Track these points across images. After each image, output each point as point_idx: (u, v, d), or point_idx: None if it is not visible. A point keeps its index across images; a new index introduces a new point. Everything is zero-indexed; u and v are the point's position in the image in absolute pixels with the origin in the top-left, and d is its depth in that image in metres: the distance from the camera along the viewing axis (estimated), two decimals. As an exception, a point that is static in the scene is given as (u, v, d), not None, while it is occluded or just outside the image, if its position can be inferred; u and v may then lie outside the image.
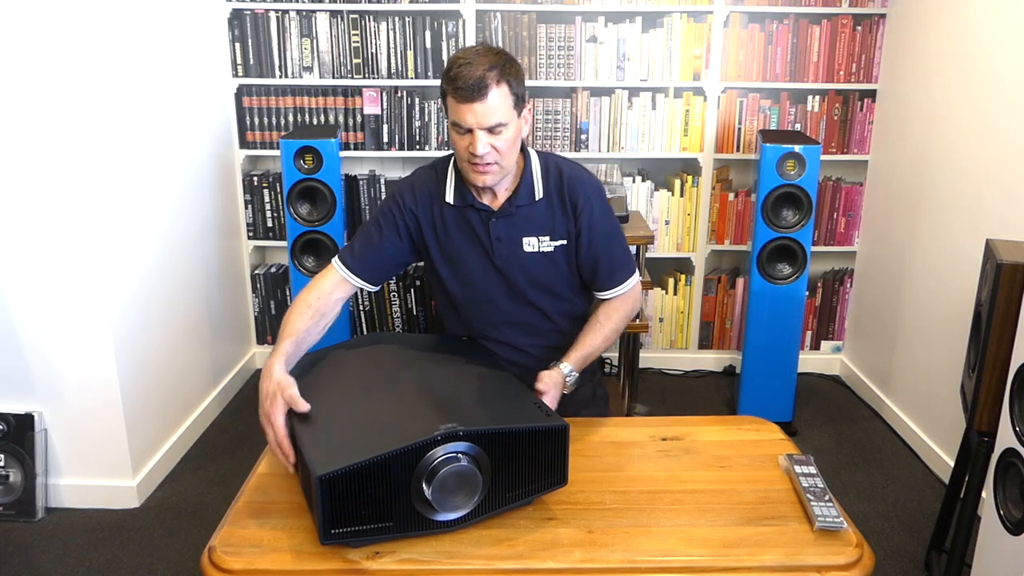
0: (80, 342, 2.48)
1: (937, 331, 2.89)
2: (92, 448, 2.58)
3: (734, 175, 3.57)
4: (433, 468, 1.23)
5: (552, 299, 1.77)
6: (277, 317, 3.66)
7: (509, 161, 1.64)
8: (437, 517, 1.26)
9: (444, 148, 3.44)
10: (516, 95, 1.58)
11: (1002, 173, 2.51)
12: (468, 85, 1.53)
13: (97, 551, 2.41)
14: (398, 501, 1.23)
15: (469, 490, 1.26)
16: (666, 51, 3.35)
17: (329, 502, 1.18)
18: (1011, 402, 1.69)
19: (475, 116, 1.55)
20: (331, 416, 1.37)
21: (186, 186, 3.03)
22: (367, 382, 1.51)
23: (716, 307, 3.66)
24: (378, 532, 1.23)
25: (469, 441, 1.25)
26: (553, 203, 1.71)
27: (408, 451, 1.21)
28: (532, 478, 1.33)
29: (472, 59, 1.54)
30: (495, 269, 1.73)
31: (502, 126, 1.57)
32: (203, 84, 3.17)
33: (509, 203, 1.70)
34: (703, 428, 1.65)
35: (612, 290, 1.77)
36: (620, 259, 1.77)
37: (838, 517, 1.30)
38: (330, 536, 1.21)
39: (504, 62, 1.56)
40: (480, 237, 1.72)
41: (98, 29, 2.42)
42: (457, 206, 1.72)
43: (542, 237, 1.71)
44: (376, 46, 3.34)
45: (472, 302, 1.78)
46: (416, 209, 1.75)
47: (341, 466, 1.17)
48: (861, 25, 3.34)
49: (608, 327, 1.73)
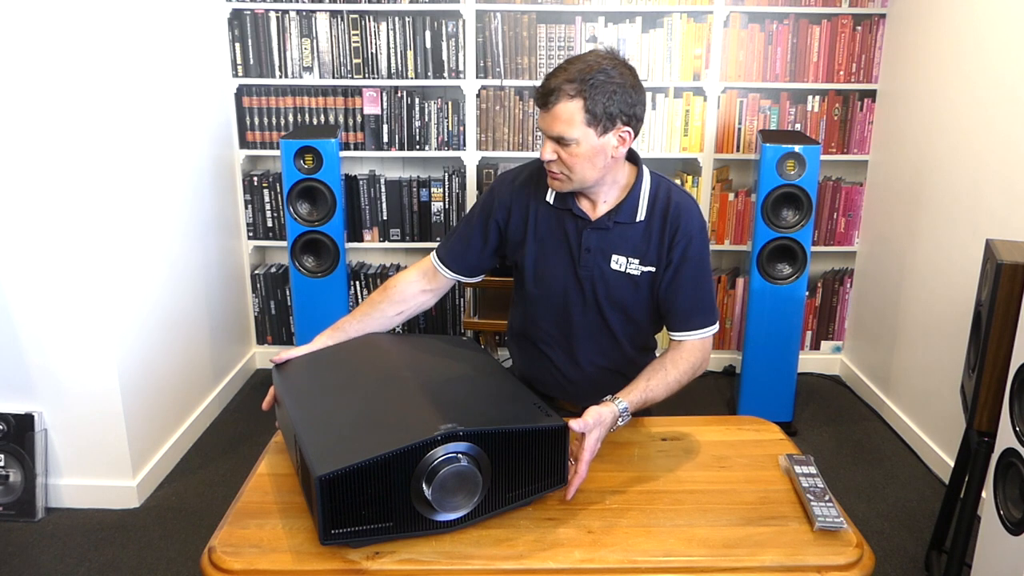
0: (80, 342, 2.48)
1: (937, 331, 2.89)
2: (92, 448, 2.58)
3: (734, 175, 3.57)
4: (433, 468, 1.22)
5: (626, 322, 1.72)
6: (277, 317, 3.66)
7: (581, 177, 1.58)
8: (437, 517, 1.25)
9: (444, 148, 3.44)
10: (594, 114, 1.52)
11: (1002, 173, 2.51)
12: (540, 90, 1.54)
13: (97, 551, 2.41)
14: (398, 501, 1.22)
15: (469, 490, 1.25)
16: (666, 51, 3.35)
17: (329, 502, 1.18)
18: (1011, 402, 1.69)
19: (543, 122, 1.56)
20: (331, 416, 1.37)
21: (186, 186, 3.03)
22: (367, 382, 1.51)
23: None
24: (378, 532, 1.23)
25: (469, 441, 1.25)
26: (653, 228, 1.65)
27: (408, 451, 1.21)
28: (532, 478, 1.33)
29: (567, 66, 1.53)
30: (576, 279, 1.69)
31: (571, 141, 1.53)
32: (203, 84, 3.17)
33: (608, 216, 1.65)
34: (703, 428, 1.65)
35: (684, 333, 1.67)
36: (703, 304, 1.68)
37: (838, 517, 1.30)
38: (330, 536, 1.20)
39: (597, 79, 1.50)
40: (571, 243, 1.68)
41: (98, 30, 2.42)
42: (556, 207, 1.69)
43: (632, 259, 1.66)
44: (376, 46, 3.35)
45: (546, 305, 1.74)
46: (511, 203, 1.73)
47: (341, 466, 1.17)
48: (861, 25, 3.34)
49: (672, 377, 1.61)
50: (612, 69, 1.52)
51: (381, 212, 3.51)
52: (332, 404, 1.42)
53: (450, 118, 3.42)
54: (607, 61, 1.53)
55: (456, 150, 3.45)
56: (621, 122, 1.54)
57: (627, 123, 1.55)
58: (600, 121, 1.52)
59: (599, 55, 1.54)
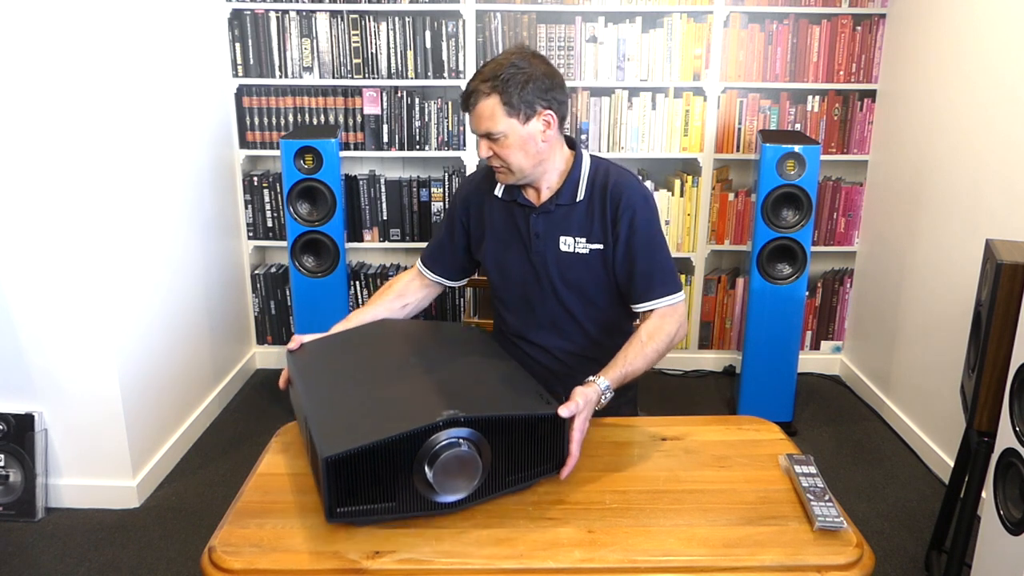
0: (80, 342, 2.48)
1: (937, 331, 2.89)
2: (92, 448, 2.58)
3: (734, 175, 3.57)
4: (435, 452, 1.28)
5: (583, 302, 1.78)
6: (277, 317, 3.66)
7: (519, 165, 1.68)
8: (438, 499, 1.30)
9: (444, 148, 3.44)
10: (511, 105, 1.61)
11: (1002, 173, 2.51)
12: (462, 96, 1.66)
13: (97, 551, 2.41)
14: (401, 483, 1.28)
15: (469, 473, 1.30)
16: (666, 51, 3.35)
17: (335, 482, 1.23)
18: (1011, 402, 1.69)
19: (472, 123, 1.67)
20: (339, 399, 1.43)
21: (186, 186, 3.03)
22: (375, 367, 1.57)
23: (716, 307, 3.66)
24: (381, 512, 1.28)
25: (470, 427, 1.30)
26: (594, 206, 1.73)
27: (411, 435, 1.26)
28: (530, 463, 1.38)
29: (482, 69, 1.64)
30: (531, 264, 1.77)
31: (498, 134, 1.63)
32: (203, 84, 3.17)
33: (551, 201, 1.74)
34: (703, 428, 1.65)
35: (648, 303, 1.71)
36: (660, 272, 1.71)
37: (838, 517, 1.30)
38: (335, 515, 1.26)
39: (507, 74, 1.60)
40: (521, 232, 1.77)
41: (98, 30, 2.42)
42: (504, 200, 1.79)
43: (579, 238, 1.73)
44: (376, 46, 3.35)
45: (511, 297, 1.84)
46: (470, 202, 1.85)
47: (347, 448, 1.23)
48: (861, 25, 3.34)
49: (650, 347, 1.65)
50: (521, 61, 1.62)
51: (381, 212, 3.51)
52: (341, 388, 1.49)
53: (450, 118, 3.42)
54: (516, 55, 1.64)
55: (456, 150, 3.45)
56: (540, 107, 1.64)
57: (547, 107, 1.65)
58: (519, 110, 1.62)
59: (509, 53, 1.66)
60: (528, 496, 1.39)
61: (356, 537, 1.28)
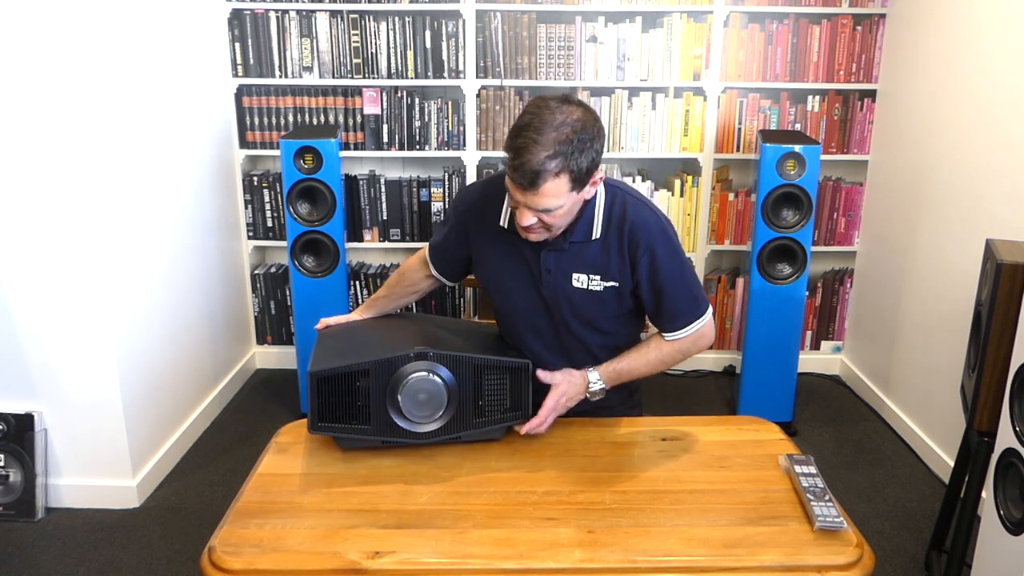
0: (80, 342, 2.48)
1: (937, 331, 2.89)
2: (92, 448, 2.58)
3: (734, 175, 3.57)
4: (406, 381, 1.48)
5: (594, 333, 1.73)
6: (277, 317, 3.66)
7: (560, 228, 1.57)
8: (409, 427, 1.49)
9: (444, 148, 3.44)
10: (577, 180, 1.47)
11: (1002, 173, 2.51)
12: (520, 170, 1.44)
13: (97, 551, 2.41)
14: (376, 409, 1.48)
15: (436, 404, 1.49)
16: (666, 51, 3.35)
17: (318, 397, 1.47)
18: (1011, 402, 1.69)
19: (524, 199, 1.48)
20: (341, 344, 1.66)
21: (186, 186, 3.03)
22: (383, 330, 1.77)
23: (716, 307, 3.66)
24: (358, 433, 1.50)
25: (438, 362, 1.49)
26: (610, 244, 1.64)
27: (385, 362, 1.48)
28: (496, 408, 1.55)
29: (537, 137, 1.42)
30: (541, 298, 1.69)
31: (556, 208, 1.50)
32: (203, 84, 3.17)
33: (563, 238, 1.62)
34: (703, 428, 1.65)
35: (676, 332, 1.68)
36: (683, 304, 1.67)
37: (838, 517, 1.30)
38: (317, 428, 1.49)
39: (571, 146, 1.43)
40: (530, 265, 1.68)
41: (98, 30, 2.42)
42: (511, 231, 1.66)
43: (592, 276, 1.65)
44: (376, 46, 3.35)
45: (517, 320, 1.75)
46: (469, 220, 1.74)
47: (330, 367, 1.48)
48: (861, 25, 3.34)
49: (654, 356, 1.66)
50: (577, 122, 1.45)
51: (381, 212, 3.51)
52: (346, 337, 1.72)
53: (450, 118, 3.42)
54: (571, 114, 1.45)
55: (456, 150, 3.45)
56: (595, 169, 1.51)
57: (598, 166, 1.51)
58: (582, 181, 1.49)
59: (561, 110, 1.45)
60: (528, 496, 1.39)
61: (356, 537, 1.28)
